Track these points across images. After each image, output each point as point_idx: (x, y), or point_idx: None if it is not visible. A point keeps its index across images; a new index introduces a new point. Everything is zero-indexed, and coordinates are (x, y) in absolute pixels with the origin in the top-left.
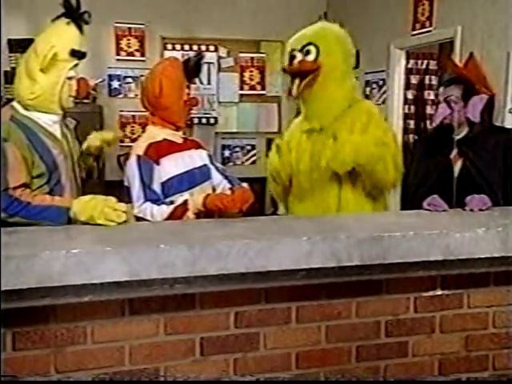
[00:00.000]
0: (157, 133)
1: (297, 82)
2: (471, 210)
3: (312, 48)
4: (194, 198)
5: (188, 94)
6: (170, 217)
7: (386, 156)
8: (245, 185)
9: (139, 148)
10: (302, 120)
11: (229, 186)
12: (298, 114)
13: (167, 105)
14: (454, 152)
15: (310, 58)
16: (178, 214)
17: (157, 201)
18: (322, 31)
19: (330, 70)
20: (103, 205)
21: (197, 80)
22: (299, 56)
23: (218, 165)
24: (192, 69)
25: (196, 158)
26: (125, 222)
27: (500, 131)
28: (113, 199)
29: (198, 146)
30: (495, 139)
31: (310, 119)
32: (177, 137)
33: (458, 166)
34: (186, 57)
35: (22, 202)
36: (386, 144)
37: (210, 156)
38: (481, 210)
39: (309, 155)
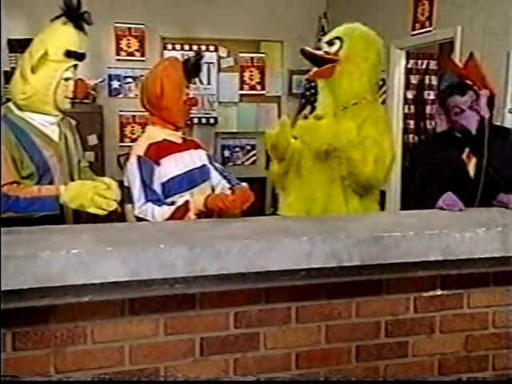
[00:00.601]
0: (157, 133)
1: (314, 68)
2: None
3: (337, 41)
4: (195, 198)
5: (187, 94)
6: (171, 217)
7: (368, 148)
8: (244, 184)
9: (139, 148)
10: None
11: (228, 185)
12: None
13: (168, 105)
14: (466, 151)
15: (333, 49)
16: (180, 214)
17: (157, 201)
18: (350, 29)
19: (348, 65)
20: (93, 192)
21: (197, 80)
22: (325, 47)
23: (217, 165)
24: (192, 69)
25: (195, 158)
26: (121, 215)
27: (505, 131)
28: (102, 186)
29: (197, 146)
30: (505, 138)
31: (321, 107)
32: (176, 137)
33: (472, 166)
34: (185, 57)
35: (11, 197)
36: (377, 142)
37: (208, 156)
38: None
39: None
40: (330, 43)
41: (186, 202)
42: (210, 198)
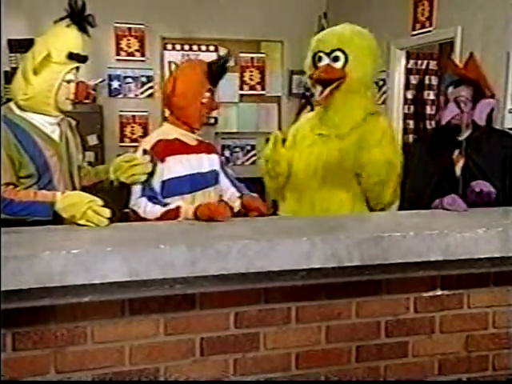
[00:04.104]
0: (170, 131)
1: (319, 88)
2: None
3: (341, 55)
4: (187, 207)
5: (209, 97)
6: (160, 218)
7: (390, 180)
8: (255, 195)
9: (148, 142)
10: (316, 122)
11: (237, 194)
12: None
13: (181, 104)
14: (457, 152)
15: (338, 65)
16: (169, 217)
17: (154, 198)
18: (353, 37)
19: (355, 81)
20: (87, 207)
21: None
22: (326, 60)
23: (229, 171)
24: (215, 72)
25: (205, 163)
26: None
27: (502, 134)
28: (99, 202)
29: (211, 151)
30: (497, 142)
31: (326, 125)
32: (190, 138)
33: (459, 166)
34: (212, 59)
35: (5, 200)
36: (392, 164)
37: (221, 161)
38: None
39: (316, 157)
40: (334, 58)
41: (178, 207)
42: (199, 208)
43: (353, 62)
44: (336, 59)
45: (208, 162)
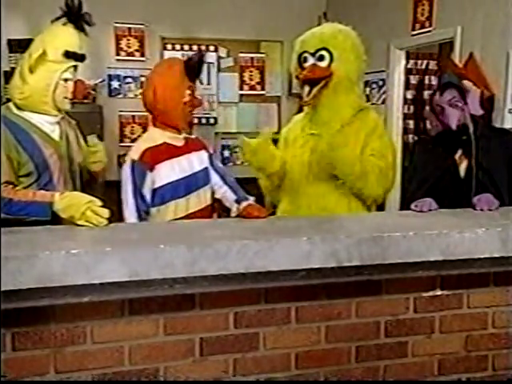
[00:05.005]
0: (157, 135)
1: (307, 88)
2: (481, 210)
3: (325, 54)
4: None
5: (190, 95)
6: None
7: (371, 173)
8: (251, 200)
9: (135, 152)
10: (306, 122)
11: (234, 197)
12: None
13: (164, 109)
14: (459, 152)
15: (323, 64)
16: None
17: (145, 212)
18: (337, 36)
19: (342, 78)
20: (86, 207)
21: (196, 80)
22: (311, 60)
23: (220, 165)
24: (193, 68)
25: (194, 163)
26: None
27: (503, 133)
28: (98, 202)
29: (200, 147)
30: (499, 140)
31: (316, 125)
32: (178, 140)
33: (463, 167)
34: (185, 57)
35: (4, 199)
36: (383, 156)
37: (210, 157)
38: (490, 209)
39: (309, 156)
40: (319, 57)
41: None
42: None
43: (338, 59)
44: (321, 58)
45: (198, 161)
